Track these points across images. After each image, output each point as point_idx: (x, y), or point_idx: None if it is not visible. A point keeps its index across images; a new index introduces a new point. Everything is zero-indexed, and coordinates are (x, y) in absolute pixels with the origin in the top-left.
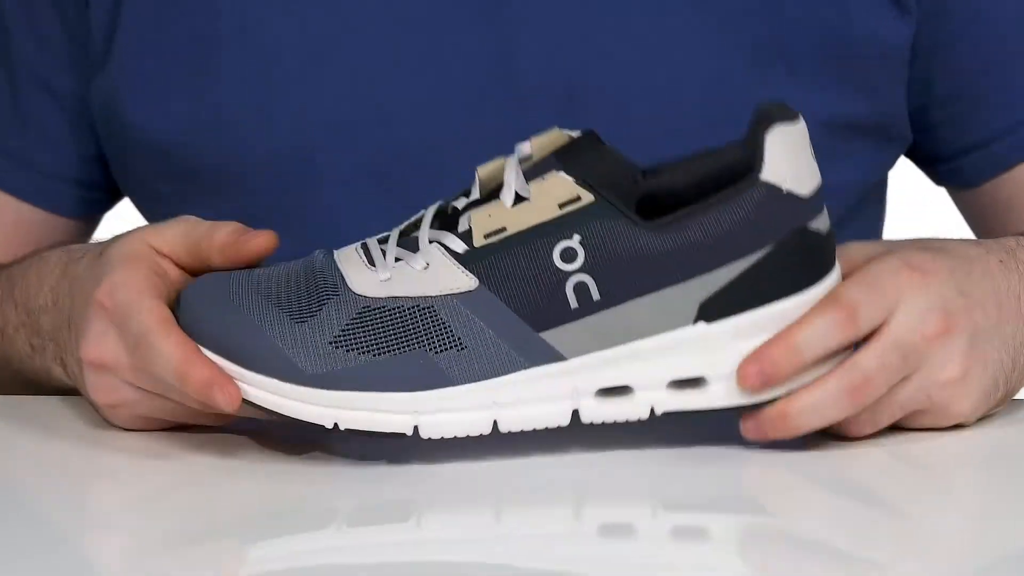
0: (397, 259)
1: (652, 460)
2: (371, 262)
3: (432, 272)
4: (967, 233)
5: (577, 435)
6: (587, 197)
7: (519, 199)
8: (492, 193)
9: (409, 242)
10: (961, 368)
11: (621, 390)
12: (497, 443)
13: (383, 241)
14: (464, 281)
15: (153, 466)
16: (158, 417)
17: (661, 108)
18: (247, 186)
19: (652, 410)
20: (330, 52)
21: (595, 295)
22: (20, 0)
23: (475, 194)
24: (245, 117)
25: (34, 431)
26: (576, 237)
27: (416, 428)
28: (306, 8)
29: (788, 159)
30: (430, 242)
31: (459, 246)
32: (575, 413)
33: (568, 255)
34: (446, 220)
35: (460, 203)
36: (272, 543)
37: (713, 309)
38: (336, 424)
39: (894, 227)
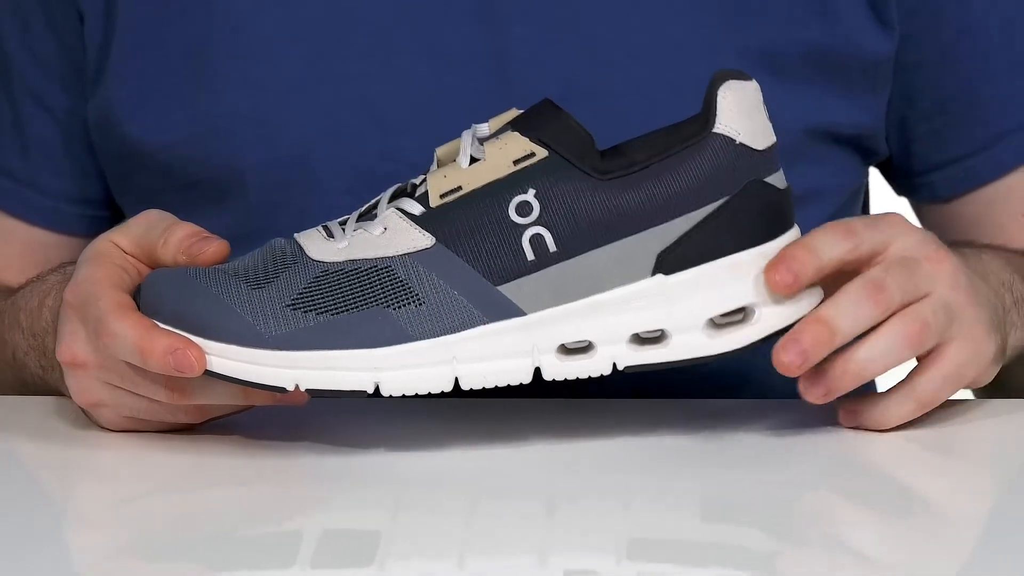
0: (356, 230)
1: (617, 484)
2: (330, 235)
3: (389, 235)
4: None
5: (541, 446)
6: (541, 153)
7: (474, 161)
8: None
9: (369, 217)
10: (967, 292)
11: (582, 347)
12: (464, 455)
13: (343, 223)
14: (420, 240)
15: (128, 469)
16: (139, 418)
17: (653, 109)
18: (246, 194)
19: (614, 365)
20: (324, 58)
21: (551, 247)
22: (15, 19)
23: (433, 170)
24: (241, 126)
25: (18, 431)
26: (531, 191)
27: (377, 386)
28: (299, 15)
29: (741, 113)
30: (388, 209)
31: (416, 208)
32: (537, 371)
33: (524, 209)
34: (405, 194)
35: (418, 180)
36: (235, 573)
37: (671, 260)
38: (297, 385)
39: None
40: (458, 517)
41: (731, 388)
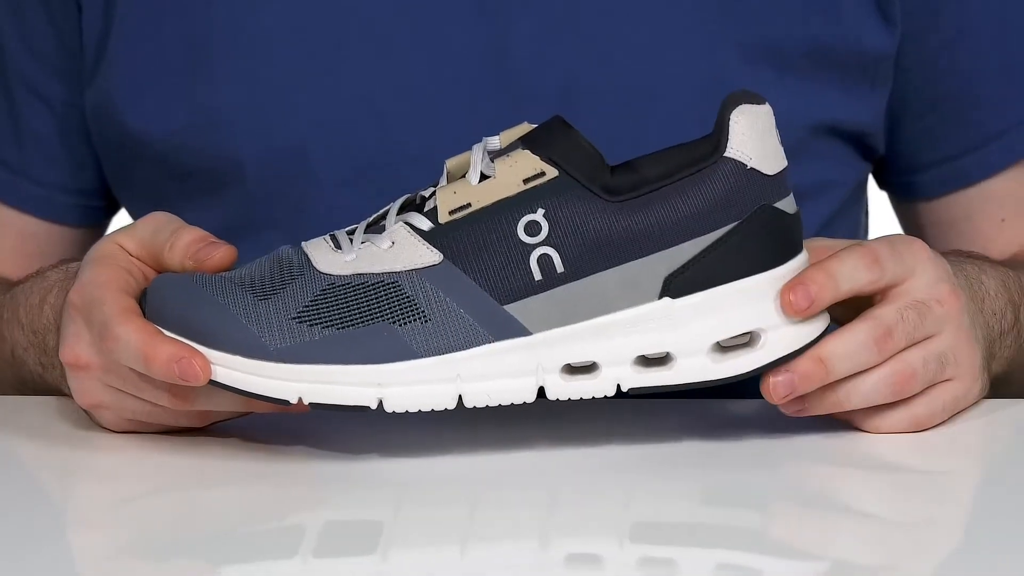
0: (363, 242)
1: (620, 473)
2: (338, 247)
3: (397, 249)
4: None
5: (543, 438)
6: (551, 172)
7: (484, 178)
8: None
9: (377, 229)
10: (967, 334)
11: (587, 367)
12: (465, 448)
13: (351, 232)
14: (428, 256)
15: (128, 469)
16: (141, 420)
17: (654, 105)
18: (244, 185)
19: (619, 387)
20: (323, 52)
21: (559, 267)
22: (12, 10)
23: (443, 183)
24: (240, 118)
25: (18, 431)
26: (540, 211)
27: (380, 402)
28: (299, 10)
29: (752, 137)
30: (396, 223)
31: (424, 224)
32: (541, 390)
33: (532, 229)
34: (414, 207)
35: (427, 192)
36: (237, 569)
37: (678, 284)
38: (300, 398)
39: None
40: (460, 509)
41: (731, 388)
